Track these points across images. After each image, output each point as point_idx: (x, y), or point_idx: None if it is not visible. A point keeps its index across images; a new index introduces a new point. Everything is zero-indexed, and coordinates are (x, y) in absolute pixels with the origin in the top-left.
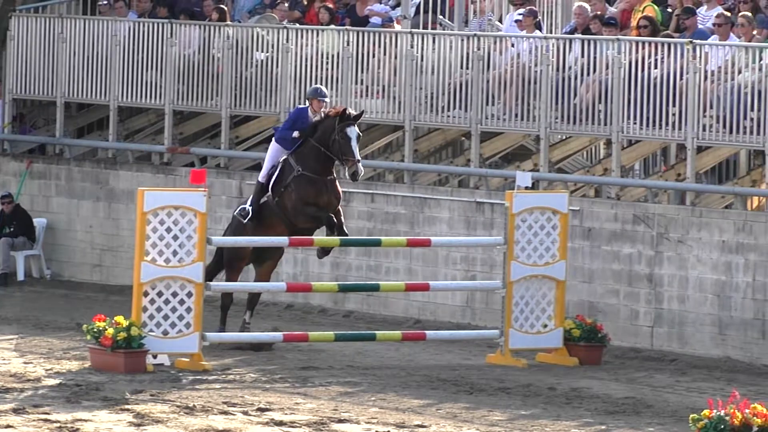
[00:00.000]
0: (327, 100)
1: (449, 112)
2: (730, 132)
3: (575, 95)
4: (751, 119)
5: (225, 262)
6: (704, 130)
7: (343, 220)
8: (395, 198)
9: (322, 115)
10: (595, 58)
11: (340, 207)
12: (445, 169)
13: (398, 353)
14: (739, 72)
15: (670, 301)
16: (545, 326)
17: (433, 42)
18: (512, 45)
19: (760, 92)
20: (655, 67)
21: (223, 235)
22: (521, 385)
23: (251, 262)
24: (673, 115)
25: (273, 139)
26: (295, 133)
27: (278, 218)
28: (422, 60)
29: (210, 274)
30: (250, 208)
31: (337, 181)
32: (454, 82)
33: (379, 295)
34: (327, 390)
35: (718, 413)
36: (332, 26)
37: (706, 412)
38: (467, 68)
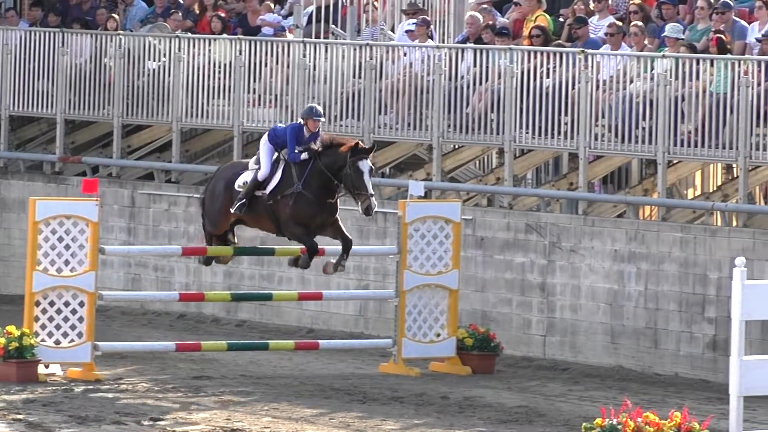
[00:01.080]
0: (323, 119)
1: (342, 122)
2: (622, 141)
3: (468, 104)
4: (643, 128)
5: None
6: (596, 139)
7: (341, 226)
8: None
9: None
10: (487, 67)
11: (338, 217)
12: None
13: (291, 363)
14: (631, 81)
15: (562, 310)
16: (438, 335)
17: (326, 51)
18: (405, 54)
19: (651, 102)
20: (548, 77)
21: (204, 194)
22: (414, 394)
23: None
24: (566, 124)
25: (266, 136)
26: (304, 155)
27: (267, 216)
28: (314, 69)
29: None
30: (244, 201)
31: (338, 200)
32: (346, 91)
33: (272, 305)
34: (220, 399)
35: (610, 422)
36: (224, 35)
37: (598, 420)
38: (360, 77)
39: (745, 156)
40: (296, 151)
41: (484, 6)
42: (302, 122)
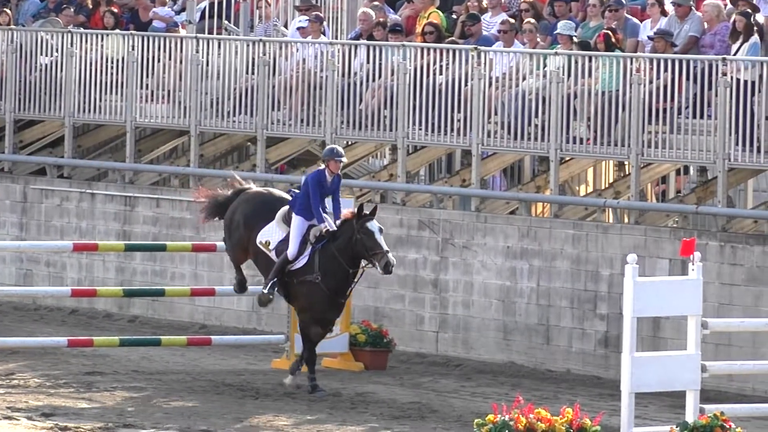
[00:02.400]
0: (344, 160)
1: (235, 117)
2: (515, 138)
3: (361, 101)
4: (536, 125)
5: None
6: (489, 136)
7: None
8: (181, 203)
9: (339, 174)
10: (380, 64)
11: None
12: (230, 174)
13: (184, 358)
14: (524, 78)
15: (455, 307)
16: (331, 331)
17: (219, 47)
18: (297, 50)
19: (544, 99)
20: (440, 74)
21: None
22: (307, 390)
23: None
24: (458, 121)
25: (293, 211)
26: (321, 227)
27: (281, 292)
28: (207, 65)
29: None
30: (275, 280)
31: (347, 301)
32: (239, 87)
33: (164, 300)
34: (112, 395)
35: (502, 418)
36: (117, 31)
37: (490, 416)
38: (253, 73)
39: (636, 153)
40: (317, 235)
41: (377, 3)
42: (323, 165)
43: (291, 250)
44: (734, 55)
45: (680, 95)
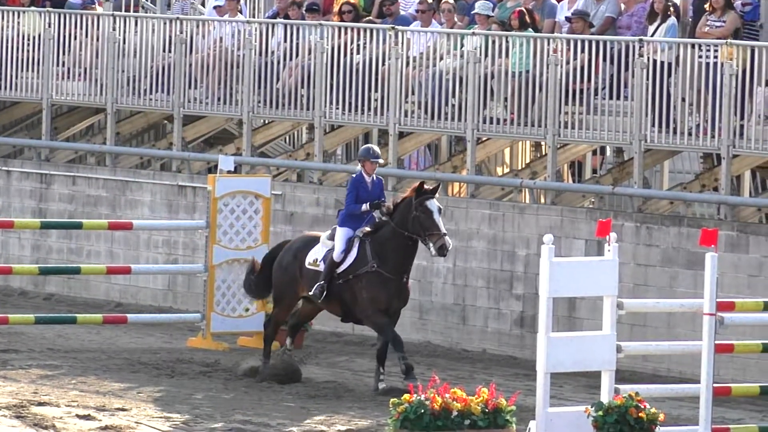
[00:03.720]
0: (381, 161)
1: (151, 95)
2: (432, 118)
3: (278, 80)
4: (453, 105)
5: (275, 296)
6: (406, 115)
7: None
8: (97, 181)
9: (375, 178)
10: (297, 43)
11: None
12: (147, 152)
13: (99, 336)
14: (441, 58)
15: None
16: (247, 310)
17: (136, 25)
18: (214, 29)
19: (461, 79)
20: (358, 53)
21: (272, 258)
22: (223, 368)
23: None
24: (376, 100)
25: (338, 223)
26: (364, 206)
27: (337, 299)
28: (124, 43)
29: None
30: (323, 284)
31: (409, 281)
32: (156, 65)
33: (80, 278)
34: (27, 373)
35: (418, 397)
36: (33, 8)
37: (406, 396)
38: (170, 51)
39: (553, 134)
40: (362, 210)
41: None
42: (359, 165)
43: (336, 252)
44: (651, 36)
45: (597, 76)
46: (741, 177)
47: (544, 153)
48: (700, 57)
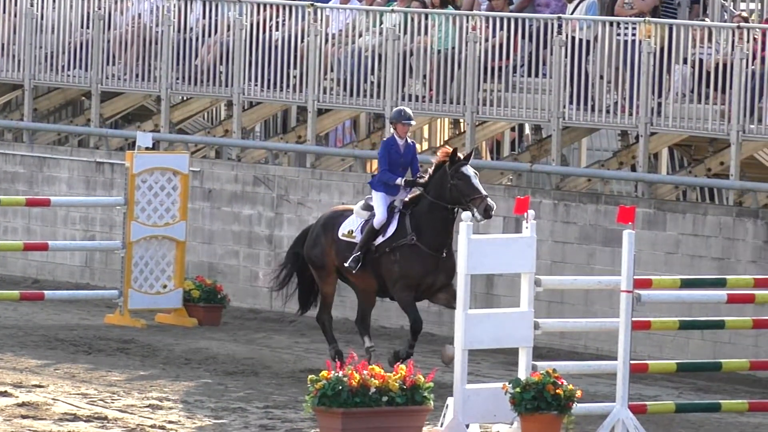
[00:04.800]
0: (413, 122)
1: (69, 72)
2: (351, 95)
3: (197, 56)
4: (372, 82)
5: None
6: (325, 92)
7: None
8: (14, 157)
9: (408, 140)
10: (216, 19)
11: (453, 284)
12: (65, 129)
13: (16, 313)
14: (360, 36)
15: None
16: (165, 287)
17: (54, 1)
18: (133, 5)
19: (380, 56)
20: (277, 30)
21: (302, 239)
22: (140, 345)
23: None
24: (294, 77)
25: (372, 188)
26: (399, 180)
27: (371, 272)
28: (42, 18)
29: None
30: (360, 254)
31: (454, 254)
32: (74, 41)
33: None
34: None
35: (336, 375)
36: None
37: (324, 373)
38: (88, 27)
39: (472, 111)
40: (397, 183)
41: None
42: (391, 129)
43: (378, 218)
44: (571, 14)
45: (516, 54)
46: (658, 155)
47: (462, 130)
48: (618, 35)
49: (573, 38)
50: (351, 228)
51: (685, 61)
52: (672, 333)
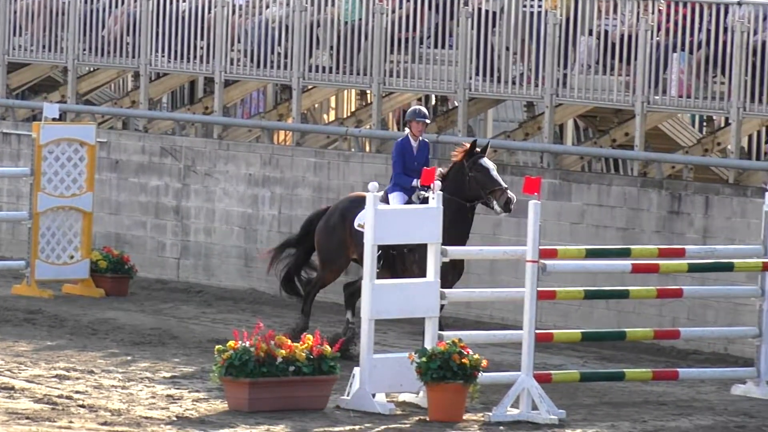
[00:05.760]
0: (428, 121)
1: None
2: (258, 66)
3: (104, 27)
4: (279, 54)
5: (323, 259)
6: (232, 63)
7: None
8: None
9: (421, 140)
10: None
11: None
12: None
13: None
14: (267, 7)
15: (196, 234)
16: (72, 257)
17: None
18: None
19: (287, 27)
20: (183, 1)
21: (313, 221)
22: (47, 316)
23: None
24: (201, 48)
25: (387, 191)
26: (415, 182)
27: (388, 269)
28: None
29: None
30: (381, 254)
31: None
32: None
33: None
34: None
35: (243, 344)
36: None
37: (231, 343)
38: None
39: (378, 82)
40: (413, 185)
41: None
42: (406, 128)
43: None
44: None
45: (422, 25)
46: (564, 126)
47: (369, 101)
48: (524, 6)
49: (479, 10)
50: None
51: (590, 33)
52: (577, 303)
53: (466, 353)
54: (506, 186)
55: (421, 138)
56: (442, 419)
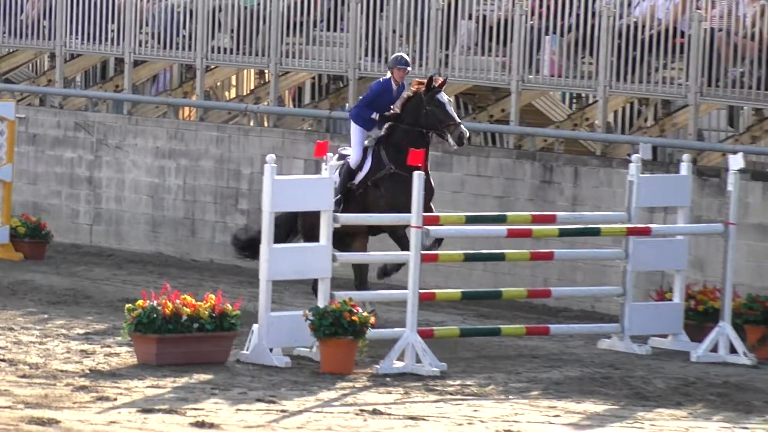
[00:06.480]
0: (409, 68)
1: None
2: (164, 47)
3: (22, 11)
4: (184, 36)
5: (304, 231)
6: (141, 45)
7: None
8: None
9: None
10: None
11: (432, 205)
12: None
13: None
14: None
15: (108, 202)
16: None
17: None
18: None
19: (191, 12)
20: None
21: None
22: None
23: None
24: (113, 31)
25: (351, 118)
26: (374, 115)
27: (359, 210)
28: None
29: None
30: (340, 197)
31: (430, 174)
32: None
33: None
34: None
35: (151, 303)
36: None
37: (140, 302)
38: None
39: (275, 63)
40: (372, 117)
41: None
42: (389, 74)
43: (353, 158)
44: None
45: (316, 10)
46: None
47: (267, 80)
48: None
49: None
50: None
51: (470, 17)
52: (457, 265)
53: (356, 311)
54: (460, 121)
55: (403, 83)
56: (334, 371)
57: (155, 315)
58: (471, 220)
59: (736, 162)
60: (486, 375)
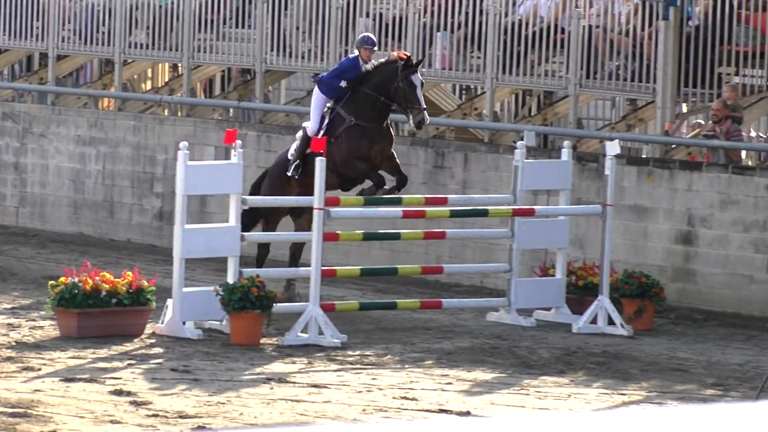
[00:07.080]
0: (375, 48)
1: None
2: (85, 43)
3: None
4: (103, 33)
5: (263, 215)
6: (63, 41)
7: (398, 162)
8: None
9: (374, 63)
10: None
11: (393, 151)
12: None
13: None
14: None
15: (33, 186)
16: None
17: None
18: None
19: (110, 10)
20: None
21: (259, 184)
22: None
23: (289, 215)
24: (37, 28)
25: (316, 87)
26: (343, 83)
27: (326, 169)
28: None
29: (246, 225)
30: (298, 162)
31: (390, 127)
32: None
33: None
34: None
35: (72, 280)
36: None
37: (62, 279)
38: None
39: (188, 57)
40: (341, 85)
41: None
42: (356, 53)
43: (311, 126)
44: None
45: (225, 8)
46: None
47: (180, 73)
48: None
49: None
50: (292, 152)
51: (367, 15)
52: (356, 244)
53: (263, 287)
54: (425, 107)
55: (371, 62)
56: (243, 343)
57: (76, 291)
58: (369, 202)
59: (612, 148)
60: (383, 346)
